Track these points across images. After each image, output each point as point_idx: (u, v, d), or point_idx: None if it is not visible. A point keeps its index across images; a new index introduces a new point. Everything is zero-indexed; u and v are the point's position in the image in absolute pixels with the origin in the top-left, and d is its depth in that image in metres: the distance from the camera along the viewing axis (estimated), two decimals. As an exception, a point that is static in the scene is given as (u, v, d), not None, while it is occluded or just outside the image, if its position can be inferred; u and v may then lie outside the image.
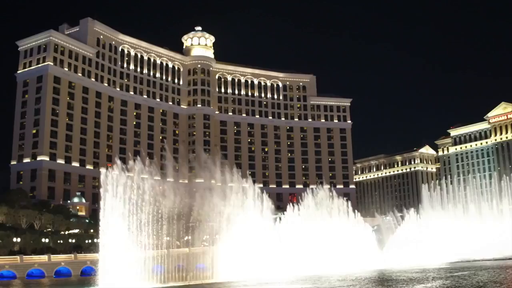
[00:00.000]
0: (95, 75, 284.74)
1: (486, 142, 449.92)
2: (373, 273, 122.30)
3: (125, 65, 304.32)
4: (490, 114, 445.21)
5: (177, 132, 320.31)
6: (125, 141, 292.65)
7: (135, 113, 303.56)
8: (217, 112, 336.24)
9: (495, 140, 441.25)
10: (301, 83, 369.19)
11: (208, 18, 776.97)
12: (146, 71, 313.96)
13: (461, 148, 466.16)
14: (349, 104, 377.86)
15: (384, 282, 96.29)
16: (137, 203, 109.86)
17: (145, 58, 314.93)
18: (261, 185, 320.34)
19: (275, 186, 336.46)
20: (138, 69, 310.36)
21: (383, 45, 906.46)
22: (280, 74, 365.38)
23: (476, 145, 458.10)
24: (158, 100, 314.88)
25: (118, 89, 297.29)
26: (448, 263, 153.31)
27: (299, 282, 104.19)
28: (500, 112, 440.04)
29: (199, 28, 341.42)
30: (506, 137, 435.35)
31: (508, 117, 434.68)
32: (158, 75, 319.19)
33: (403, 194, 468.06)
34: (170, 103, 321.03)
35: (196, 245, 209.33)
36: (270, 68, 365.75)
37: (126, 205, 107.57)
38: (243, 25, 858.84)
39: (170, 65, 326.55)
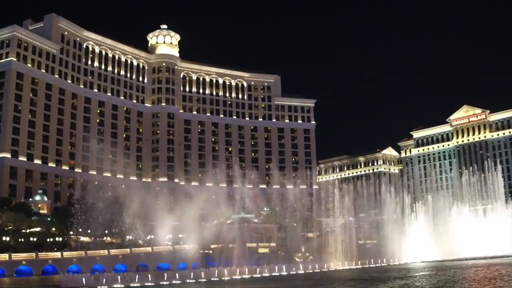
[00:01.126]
0: (58, 72, 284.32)
1: (448, 145, 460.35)
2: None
3: (89, 62, 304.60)
4: (452, 117, 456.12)
5: (141, 130, 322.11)
6: (88, 139, 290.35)
7: (98, 111, 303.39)
8: (181, 111, 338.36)
9: (457, 142, 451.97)
10: (265, 83, 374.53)
11: (174, 16, 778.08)
12: (111, 69, 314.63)
13: (423, 150, 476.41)
14: (313, 105, 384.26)
15: (346, 281, 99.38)
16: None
17: (110, 55, 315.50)
18: (225, 185, 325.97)
19: (239, 185, 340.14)
20: (103, 67, 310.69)
21: (348, 46, 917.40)
22: (245, 74, 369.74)
23: (438, 147, 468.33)
24: (122, 98, 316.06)
25: (82, 86, 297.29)
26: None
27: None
28: (462, 115, 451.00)
29: (165, 26, 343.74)
30: (468, 140, 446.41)
31: (470, 120, 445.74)
32: (122, 72, 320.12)
33: (366, 195, 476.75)
34: (134, 101, 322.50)
35: (160, 244, 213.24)
36: (235, 67, 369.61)
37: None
38: (209, 24, 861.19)
39: (135, 63, 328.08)
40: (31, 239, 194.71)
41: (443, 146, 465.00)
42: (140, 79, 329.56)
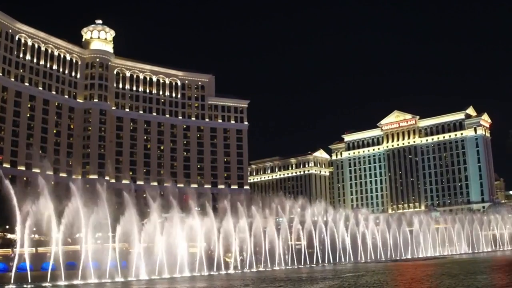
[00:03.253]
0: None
1: (378, 148, 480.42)
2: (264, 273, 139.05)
3: (21, 55, 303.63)
4: (383, 122, 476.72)
5: (72, 126, 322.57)
6: (18, 133, 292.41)
7: (29, 105, 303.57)
8: (113, 108, 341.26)
9: (387, 146, 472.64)
10: (200, 83, 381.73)
11: (110, 12, 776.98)
12: (43, 63, 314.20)
13: (354, 153, 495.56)
14: (247, 105, 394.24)
15: (275, 282, 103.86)
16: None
17: (43, 49, 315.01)
18: (156, 184, 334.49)
19: (169, 185, 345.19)
20: (35, 60, 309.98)
21: (283, 49, 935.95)
22: (179, 73, 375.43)
23: (368, 150, 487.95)
24: (54, 92, 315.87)
25: (12, 79, 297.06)
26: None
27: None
28: (392, 120, 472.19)
29: (100, 21, 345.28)
30: (398, 144, 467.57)
31: (400, 125, 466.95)
32: (55, 67, 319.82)
33: (297, 196, 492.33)
34: (66, 96, 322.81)
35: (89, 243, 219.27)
36: (170, 66, 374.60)
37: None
38: (145, 22, 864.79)
39: (68, 58, 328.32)
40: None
41: (374, 150, 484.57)
42: (73, 74, 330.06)
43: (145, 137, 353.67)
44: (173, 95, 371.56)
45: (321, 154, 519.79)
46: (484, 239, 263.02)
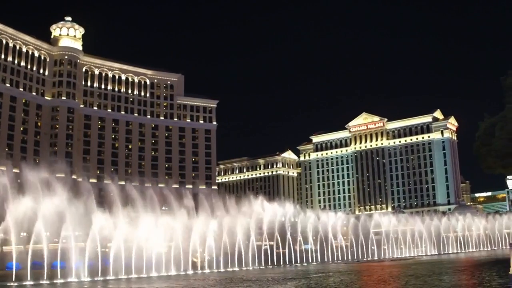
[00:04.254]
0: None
1: (346, 150, 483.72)
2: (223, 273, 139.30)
3: None
4: (351, 124, 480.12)
5: (39, 124, 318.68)
6: None
7: None
8: (82, 106, 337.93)
9: (355, 148, 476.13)
10: (169, 82, 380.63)
11: (79, 9, 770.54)
12: (11, 59, 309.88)
13: (322, 154, 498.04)
14: (216, 105, 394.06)
15: (243, 282, 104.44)
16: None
17: (10, 45, 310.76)
18: (123, 182, 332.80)
19: (137, 184, 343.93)
20: (2, 56, 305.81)
21: (253, 50, 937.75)
22: (149, 72, 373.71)
23: (336, 152, 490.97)
24: (21, 89, 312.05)
25: None
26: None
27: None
28: (360, 122, 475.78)
29: (69, 18, 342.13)
30: (365, 146, 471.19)
31: (368, 127, 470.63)
32: (23, 63, 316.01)
33: (265, 197, 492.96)
34: (34, 93, 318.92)
35: (55, 241, 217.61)
36: (139, 64, 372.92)
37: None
38: (115, 19, 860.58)
39: (36, 54, 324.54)
40: None
41: (342, 151, 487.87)
42: (41, 71, 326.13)
43: (113, 136, 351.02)
44: (142, 94, 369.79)
45: (289, 155, 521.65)
46: (449, 241, 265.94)
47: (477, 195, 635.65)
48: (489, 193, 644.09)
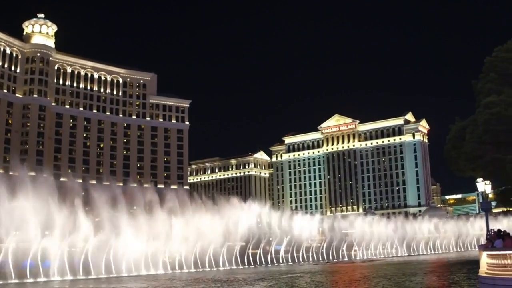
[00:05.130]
0: None
1: (318, 151, 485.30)
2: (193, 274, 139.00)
3: None
4: (323, 125, 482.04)
5: (10, 121, 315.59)
6: None
7: None
8: (53, 104, 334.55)
9: (327, 149, 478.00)
10: (141, 81, 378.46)
11: (53, 6, 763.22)
12: None
13: (293, 155, 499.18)
14: (188, 105, 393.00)
15: (213, 282, 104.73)
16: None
17: None
18: (94, 182, 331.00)
19: (108, 183, 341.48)
20: None
21: (225, 49, 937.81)
22: (121, 70, 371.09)
23: (308, 153, 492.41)
24: None
25: None
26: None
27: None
28: (333, 123, 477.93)
29: (42, 15, 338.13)
30: (337, 148, 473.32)
31: (340, 129, 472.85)
32: None
33: (237, 197, 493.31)
34: (5, 91, 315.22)
35: (26, 241, 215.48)
36: (112, 63, 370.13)
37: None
38: (88, 17, 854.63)
39: (8, 51, 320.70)
40: None
41: (313, 152, 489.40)
42: (13, 68, 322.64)
43: (84, 135, 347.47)
44: (115, 92, 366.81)
45: (261, 155, 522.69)
46: (419, 242, 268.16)
47: (447, 197, 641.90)
48: (459, 196, 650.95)
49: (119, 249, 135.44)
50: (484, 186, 61.33)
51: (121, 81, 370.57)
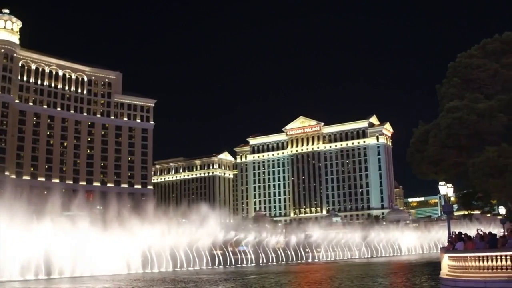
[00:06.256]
0: None
1: (283, 153, 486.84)
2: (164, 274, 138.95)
3: None
4: (288, 127, 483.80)
5: None
6: None
7: None
8: (17, 101, 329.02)
9: (291, 151, 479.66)
10: (106, 80, 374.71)
11: (18, 2, 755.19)
12: None
13: (258, 156, 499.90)
14: (153, 105, 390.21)
15: (176, 283, 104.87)
16: None
17: None
18: (57, 180, 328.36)
19: (72, 182, 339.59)
20: None
21: (191, 49, 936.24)
22: (86, 68, 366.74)
23: (273, 155, 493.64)
24: None
25: None
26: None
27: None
28: (297, 125, 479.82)
29: (7, 11, 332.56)
30: (302, 149, 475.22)
31: (305, 131, 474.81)
32: None
33: (200, 198, 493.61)
34: None
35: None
36: (77, 61, 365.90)
37: None
38: (54, 14, 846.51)
39: None
40: None
41: (278, 154, 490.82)
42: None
43: (48, 133, 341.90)
44: (79, 90, 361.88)
45: (225, 156, 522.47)
46: (382, 244, 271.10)
47: (410, 200, 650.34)
48: (422, 198, 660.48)
49: (83, 249, 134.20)
50: (446, 189, 62.51)
51: (86, 79, 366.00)
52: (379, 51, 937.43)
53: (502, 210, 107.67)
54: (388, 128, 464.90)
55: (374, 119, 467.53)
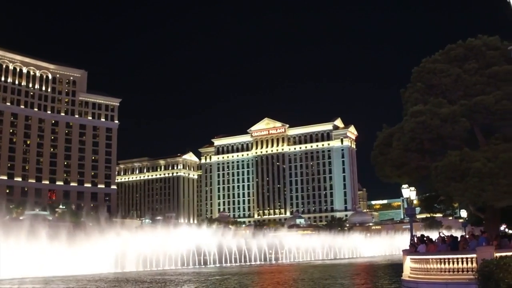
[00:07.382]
0: None
1: (247, 154, 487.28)
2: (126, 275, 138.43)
3: None
4: (253, 128, 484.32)
5: None
6: None
7: None
8: None
9: (256, 153, 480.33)
10: (71, 78, 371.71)
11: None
12: None
13: (223, 157, 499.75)
14: (118, 104, 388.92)
15: (139, 283, 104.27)
16: None
17: None
18: (20, 179, 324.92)
19: (34, 181, 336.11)
20: None
21: (157, 50, 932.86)
22: (51, 66, 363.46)
23: (237, 156, 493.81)
24: None
25: None
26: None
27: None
28: (262, 127, 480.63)
29: None
30: (266, 151, 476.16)
31: (270, 133, 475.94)
32: None
33: (164, 198, 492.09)
34: None
35: None
36: (41, 58, 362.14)
37: None
38: (19, 10, 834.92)
39: None
40: None
41: (243, 155, 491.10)
42: None
43: (11, 130, 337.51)
44: (43, 88, 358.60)
45: (190, 157, 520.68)
46: (345, 246, 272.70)
47: (373, 202, 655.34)
48: (385, 201, 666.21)
49: (48, 249, 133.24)
50: (409, 192, 63.41)
51: (50, 76, 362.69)
52: (344, 55, 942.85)
53: (463, 213, 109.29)
54: (352, 131, 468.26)
55: (338, 122, 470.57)
